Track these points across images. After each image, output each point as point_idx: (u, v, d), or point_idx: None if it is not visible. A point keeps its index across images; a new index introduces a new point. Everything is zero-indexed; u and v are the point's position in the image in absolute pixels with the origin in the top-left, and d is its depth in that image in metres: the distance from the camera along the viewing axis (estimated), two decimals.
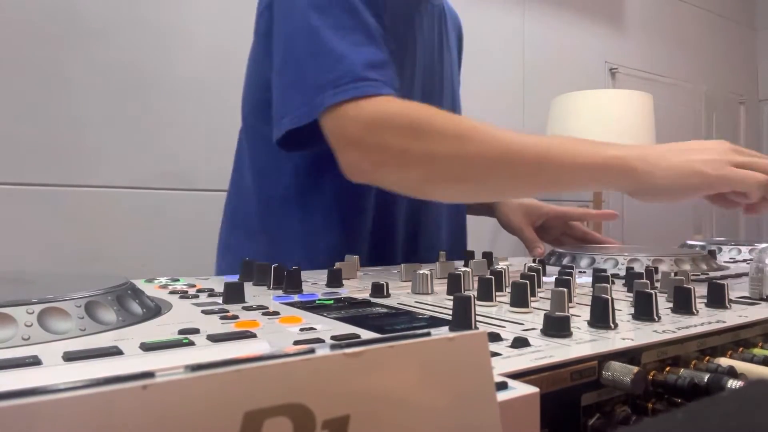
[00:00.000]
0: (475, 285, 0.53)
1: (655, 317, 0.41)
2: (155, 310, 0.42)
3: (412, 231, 0.89)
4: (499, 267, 0.58)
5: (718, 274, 0.74)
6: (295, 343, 0.34)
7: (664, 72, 2.88)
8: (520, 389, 0.24)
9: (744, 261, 0.95)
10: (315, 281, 0.62)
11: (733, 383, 0.31)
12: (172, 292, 0.52)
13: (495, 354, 0.30)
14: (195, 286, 0.56)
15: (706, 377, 0.31)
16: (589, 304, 0.39)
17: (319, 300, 0.49)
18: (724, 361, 0.36)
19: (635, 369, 0.30)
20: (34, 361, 0.28)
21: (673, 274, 0.55)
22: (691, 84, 3.01)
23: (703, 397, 0.23)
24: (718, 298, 0.47)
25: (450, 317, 0.38)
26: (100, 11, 1.48)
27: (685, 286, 0.46)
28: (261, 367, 0.17)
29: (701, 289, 0.48)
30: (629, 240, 2.53)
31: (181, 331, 0.35)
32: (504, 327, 0.39)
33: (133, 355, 0.30)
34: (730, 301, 0.48)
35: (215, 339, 0.33)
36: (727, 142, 0.65)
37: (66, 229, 1.43)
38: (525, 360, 0.29)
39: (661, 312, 0.42)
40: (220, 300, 0.48)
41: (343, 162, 0.68)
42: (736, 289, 0.57)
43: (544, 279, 0.62)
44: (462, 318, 0.37)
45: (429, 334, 0.20)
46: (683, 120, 2.94)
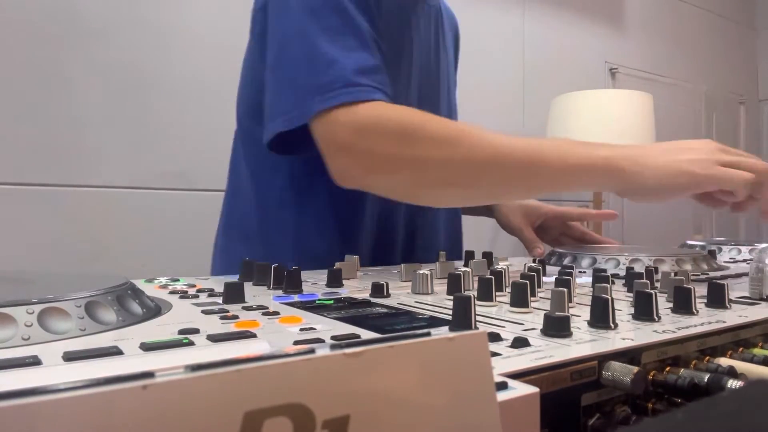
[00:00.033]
0: (475, 285, 0.53)
1: (655, 317, 0.41)
2: (155, 310, 0.42)
3: (410, 233, 0.89)
4: (499, 267, 0.58)
5: (718, 274, 0.74)
6: (295, 343, 0.34)
7: (664, 72, 2.88)
8: (520, 389, 0.24)
9: (744, 261, 0.95)
10: (315, 281, 0.62)
11: (733, 383, 0.31)
12: (172, 292, 0.52)
13: (495, 354, 0.30)
14: (195, 286, 0.56)
15: (706, 377, 0.31)
16: (589, 304, 0.39)
17: (319, 300, 0.49)
18: (724, 361, 0.36)
19: (635, 369, 0.30)
20: (34, 361, 0.28)
21: (673, 274, 0.55)
22: (691, 84, 3.01)
23: (703, 397, 0.23)
24: (718, 298, 0.47)
25: (450, 317, 0.38)
26: (100, 11, 1.48)
27: (685, 286, 0.46)
28: (261, 367, 0.17)
29: (701, 289, 0.48)
30: (629, 240, 2.53)
31: (181, 331, 0.35)
32: (504, 327, 0.39)
33: (133, 355, 0.30)
34: (730, 301, 0.48)
35: (215, 339, 0.33)
36: (713, 142, 0.65)
37: (66, 229, 1.43)
38: (525, 360, 0.29)
39: (661, 312, 0.42)
40: (220, 300, 0.48)
41: (333, 167, 0.67)
42: (736, 289, 0.57)
43: (544, 279, 0.62)
44: (462, 318, 0.37)
45: (429, 334, 0.20)
46: (683, 120, 2.94)
